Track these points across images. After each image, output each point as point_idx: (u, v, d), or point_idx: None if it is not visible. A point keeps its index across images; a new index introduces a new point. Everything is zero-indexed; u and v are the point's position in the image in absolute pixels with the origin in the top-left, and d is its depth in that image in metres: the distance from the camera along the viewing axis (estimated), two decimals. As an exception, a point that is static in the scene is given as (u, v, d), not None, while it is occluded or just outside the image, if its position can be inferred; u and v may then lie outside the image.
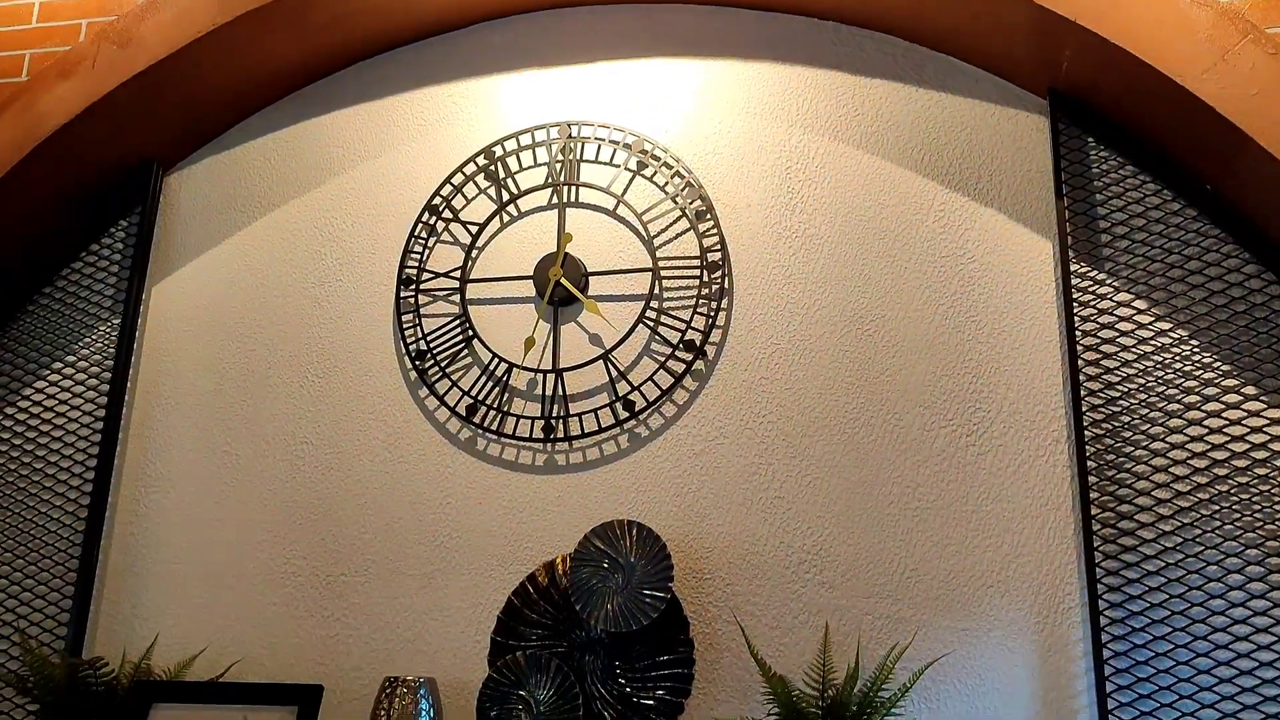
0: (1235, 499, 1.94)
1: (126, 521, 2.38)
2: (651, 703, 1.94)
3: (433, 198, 2.43)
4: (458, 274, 2.38)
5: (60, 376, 2.49)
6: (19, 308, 2.55)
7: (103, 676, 2.07)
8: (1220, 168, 2.00)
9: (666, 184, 2.34)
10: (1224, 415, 1.98)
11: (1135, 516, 1.97)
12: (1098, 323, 2.07)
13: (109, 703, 2.05)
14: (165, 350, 2.50)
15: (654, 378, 2.23)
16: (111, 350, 2.47)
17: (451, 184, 2.44)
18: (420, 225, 2.42)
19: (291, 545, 2.30)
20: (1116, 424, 2.02)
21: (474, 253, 2.40)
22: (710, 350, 2.24)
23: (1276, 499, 1.93)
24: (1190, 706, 1.86)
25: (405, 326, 2.37)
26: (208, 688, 2.07)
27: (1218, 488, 1.95)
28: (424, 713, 1.95)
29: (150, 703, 1.97)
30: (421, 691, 1.96)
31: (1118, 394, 2.03)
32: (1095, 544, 1.95)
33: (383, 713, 1.94)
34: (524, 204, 2.41)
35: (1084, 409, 2.02)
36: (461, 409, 2.30)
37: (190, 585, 2.32)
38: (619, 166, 2.37)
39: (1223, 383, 2.00)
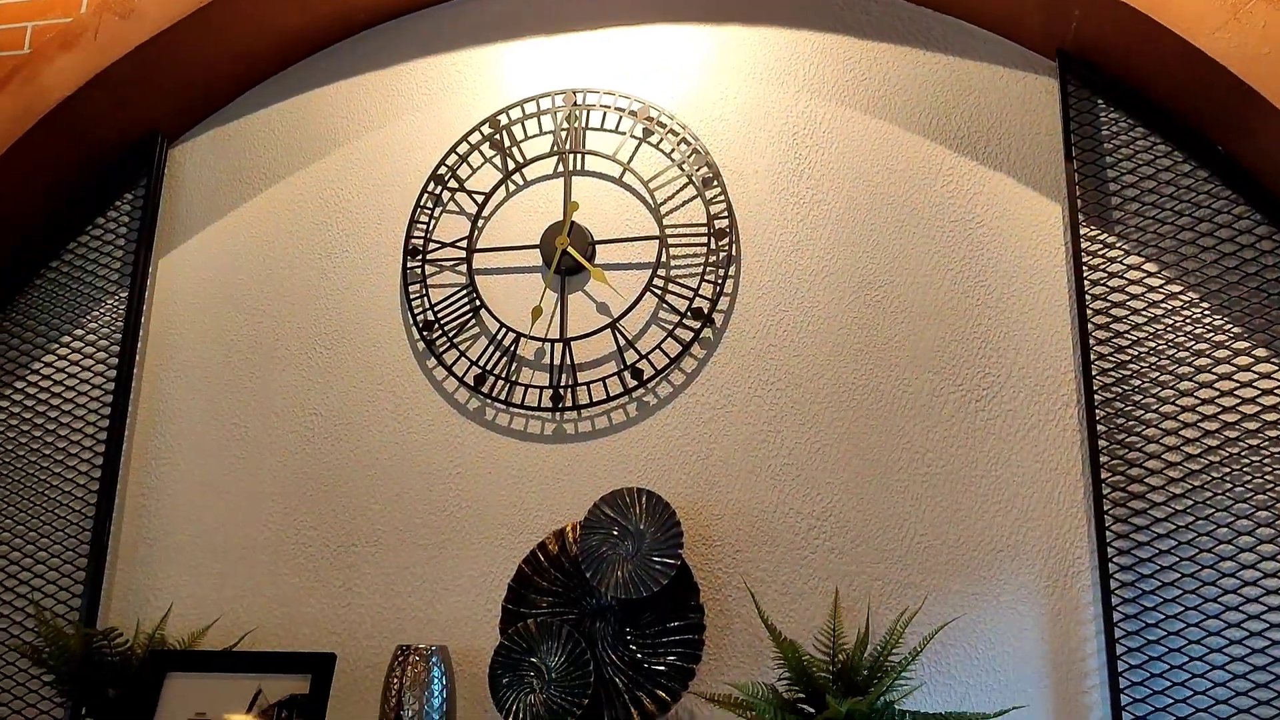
0: (1246, 461, 1.94)
1: (138, 494, 2.40)
2: (663, 669, 1.95)
3: (438, 167, 2.42)
4: (464, 244, 2.38)
5: (69, 350, 2.50)
6: (27, 281, 2.55)
7: (117, 647, 2.09)
8: (1232, 128, 1.99)
9: (673, 151, 2.32)
10: (1235, 378, 1.98)
11: (1145, 480, 1.97)
12: (1107, 286, 2.06)
13: (124, 672, 2.06)
14: (173, 323, 2.50)
15: (662, 346, 2.23)
16: (120, 324, 2.48)
17: (457, 153, 2.42)
18: (426, 195, 2.41)
19: (302, 516, 2.31)
20: (1127, 387, 2.01)
21: (480, 222, 2.39)
22: (718, 318, 2.23)
23: (1287, 461, 1.93)
24: (1201, 668, 1.87)
25: (412, 297, 2.37)
26: (222, 657, 2.09)
27: (1228, 450, 1.95)
28: (436, 680, 1.96)
29: (165, 672, 1.99)
30: (434, 659, 1.97)
31: (1128, 357, 2.02)
32: (1105, 507, 1.95)
33: (395, 680, 1.95)
34: (529, 173, 2.40)
35: (1094, 373, 2.02)
36: (470, 379, 2.30)
37: (202, 556, 2.33)
38: (625, 134, 2.36)
39: (1234, 345, 1.99)
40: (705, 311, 2.22)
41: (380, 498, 2.28)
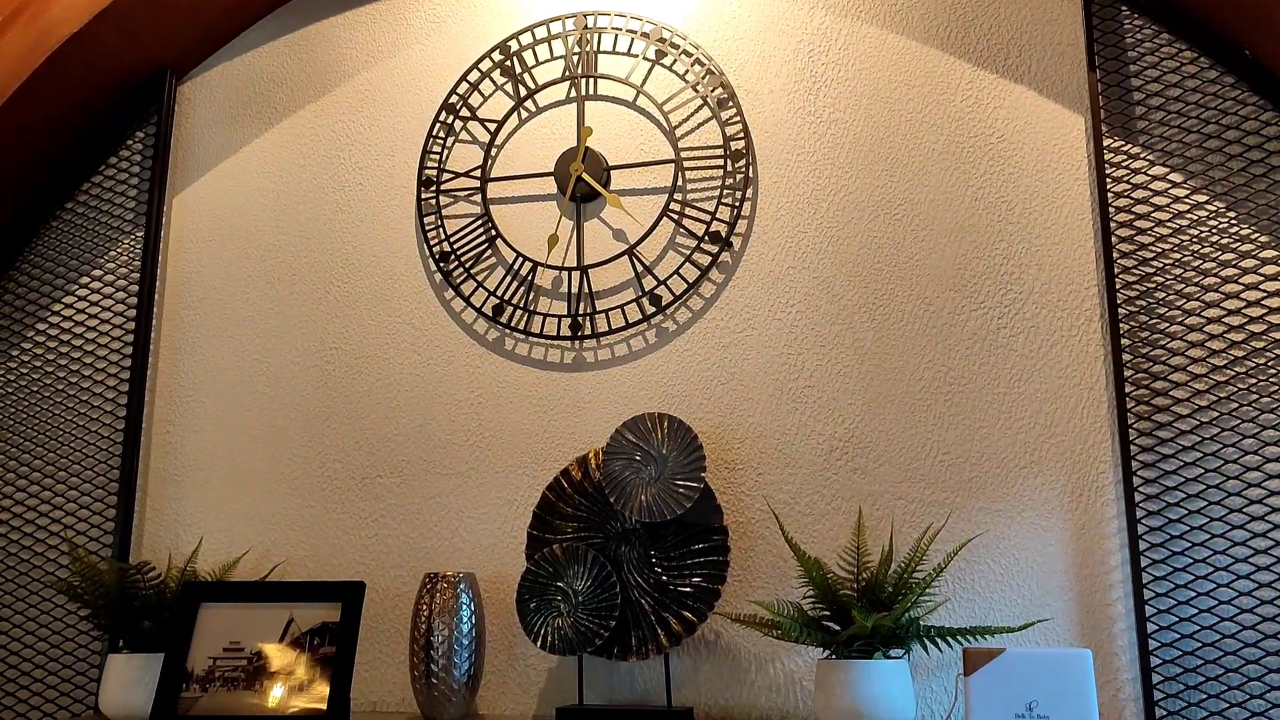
0: (1272, 372, 1.92)
1: (163, 432, 2.42)
2: (688, 590, 1.97)
3: (449, 96, 2.39)
4: (478, 173, 2.35)
5: (89, 291, 2.50)
6: (43, 222, 2.55)
7: (150, 580, 2.12)
8: (1260, 31, 1.94)
9: (686, 72, 2.29)
10: (1261, 288, 1.95)
11: (1170, 393, 1.95)
12: (1131, 198, 2.03)
13: (158, 605, 2.10)
14: (190, 261, 2.50)
15: (680, 271, 2.22)
16: (137, 263, 2.48)
17: (468, 81, 2.39)
18: (438, 125, 2.39)
19: (326, 449, 2.33)
20: (1150, 300, 1.99)
21: (493, 151, 2.37)
22: (736, 241, 2.21)
23: (1314, 370, 1.91)
24: (1225, 578, 1.87)
25: (428, 228, 2.36)
26: (253, 587, 2.12)
27: (1254, 361, 1.93)
28: (465, 606, 1.98)
29: (198, 603, 2.02)
30: (461, 586, 1.99)
31: (1152, 269, 2.00)
32: (1129, 421, 1.94)
33: (424, 608, 1.98)
34: (542, 99, 2.37)
35: (1117, 286, 1.99)
36: (488, 309, 2.29)
37: (230, 491, 2.35)
38: (637, 56, 2.32)
39: (1260, 254, 1.96)
40: (723, 235, 2.20)
41: (403, 429, 2.29)
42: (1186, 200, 2.01)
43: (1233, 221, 1.98)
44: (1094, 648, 1.89)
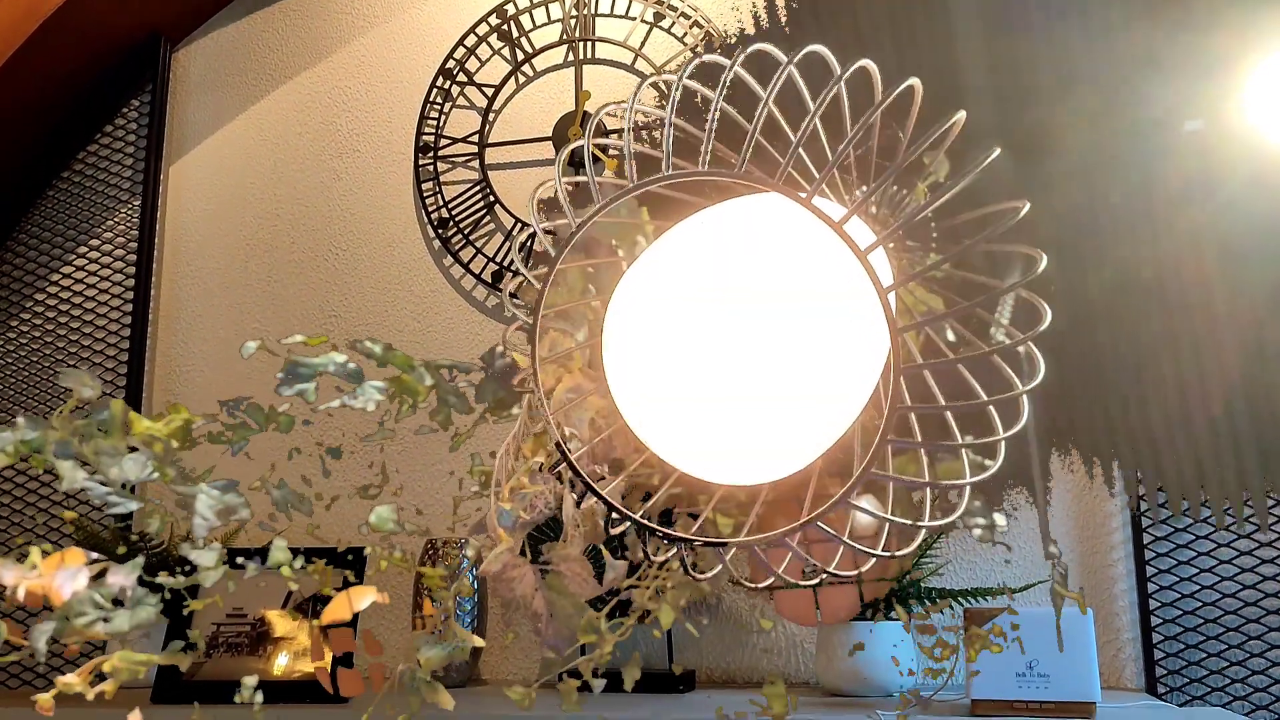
0: (1275, 332, 1.91)
1: (163, 401, 2.41)
2: (691, 560, 1.97)
3: (446, 61, 2.37)
4: (476, 139, 2.34)
5: (87, 260, 2.49)
6: (40, 192, 2.54)
7: (153, 549, 2.12)
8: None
9: (685, 35, 2.26)
10: (1264, 247, 1.94)
11: (1172, 354, 1.94)
12: (1134, 158, 2.01)
13: (161, 573, 2.10)
14: (188, 230, 2.49)
15: (680, 235, 2.20)
16: (135, 232, 2.47)
17: (465, 46, 2.37)
18: (435, 90, 2.37)
19: (327, 418, 2.32)
20: (1153, 261, 1.98)
21: (491, 116, 2.35)
22: (736, 205, 2.20)
23: (1317, 330, 1.90)
24: (1226, 538, 1.87)
25: (426, 195, 2.34)
26: (255, 555, 2.12)
27: (1257, 321, 1.92)
28: (466, 571, 1.99)
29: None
30: (464, 552, 1.99)
31: (1155, 230, 1.98)
32: (1131, 382, 1.94)
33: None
34: (539, 63, 2.35)
35: (1120, 247, 1.98)
36: (487, 276, 2.28)
37: (230, 462, 2.35)
38: (635, 19, 2.30)
39: (1264, 214, 1.95)
40: (722, 199, 2.18)
41: (403, 397, 2.29)
42: (1189, 160, 1.99)
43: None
44: (1095, 608, 1.89)
